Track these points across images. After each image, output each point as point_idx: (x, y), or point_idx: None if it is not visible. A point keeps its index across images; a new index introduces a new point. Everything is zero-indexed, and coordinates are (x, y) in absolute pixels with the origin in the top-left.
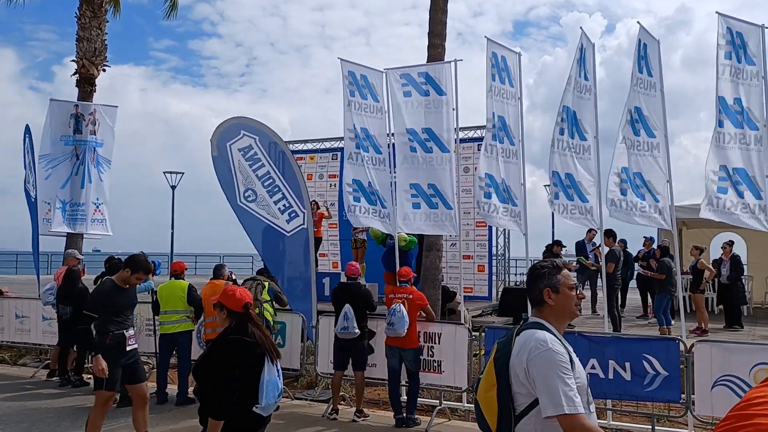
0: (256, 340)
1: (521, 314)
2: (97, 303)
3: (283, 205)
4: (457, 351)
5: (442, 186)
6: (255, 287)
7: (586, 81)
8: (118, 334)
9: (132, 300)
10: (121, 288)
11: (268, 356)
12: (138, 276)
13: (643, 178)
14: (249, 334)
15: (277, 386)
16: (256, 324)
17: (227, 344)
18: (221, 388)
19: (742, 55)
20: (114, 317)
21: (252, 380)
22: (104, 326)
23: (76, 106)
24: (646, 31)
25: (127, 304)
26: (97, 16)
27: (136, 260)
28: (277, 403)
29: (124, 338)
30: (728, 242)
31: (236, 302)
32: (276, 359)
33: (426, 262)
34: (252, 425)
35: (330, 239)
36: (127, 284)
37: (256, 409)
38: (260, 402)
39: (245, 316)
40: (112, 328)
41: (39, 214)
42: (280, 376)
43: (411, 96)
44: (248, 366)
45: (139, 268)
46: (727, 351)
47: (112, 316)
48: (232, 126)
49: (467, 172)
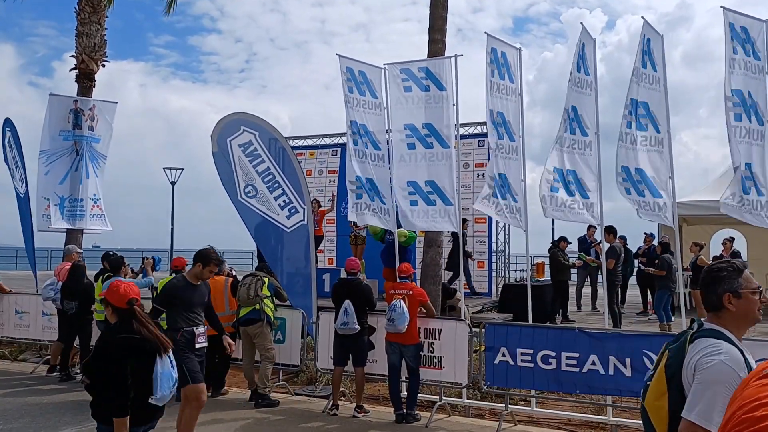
0: (142, 336)
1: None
2: (169, 298)
3: (283, 200)
4: (457, 347)
5: (441, 182)
6: (255, 283)
7: (587, 76)
8: (188, 331)
9: (203, 297)
10: (193, 284)
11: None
12: (210, 269)
13: (645, 175)
14: (134, 330)
15: (171, 377)
16: (141, 320)
17: (112, 344)
18: (116, 387)
19: (750, 50)
20: (185, 314)
21: (145, 374)
22: (175, 323)
23: (75, 101)
24: (650, 26)
25: (198, 301)
26: (97, 12)
27: (205, 254)
28: (172, 392)
29: (194, 335)
30: (729, 238)
31: (120, 298)
32: (165, 352)
33: (426, 259)
34: (149, 415)
35: (327, 235)
36: (200, 280)
37: (152, 401)
38: (155, 394)
39: (130, 313)
40: (182, 324)
41: (38, 210)
42: (173, 367)
43: (411, 91)
44: (138, 362)
45: (210, 261)
46: None
47: (183, 313)
48: (232, 122)
49: (467, 168)
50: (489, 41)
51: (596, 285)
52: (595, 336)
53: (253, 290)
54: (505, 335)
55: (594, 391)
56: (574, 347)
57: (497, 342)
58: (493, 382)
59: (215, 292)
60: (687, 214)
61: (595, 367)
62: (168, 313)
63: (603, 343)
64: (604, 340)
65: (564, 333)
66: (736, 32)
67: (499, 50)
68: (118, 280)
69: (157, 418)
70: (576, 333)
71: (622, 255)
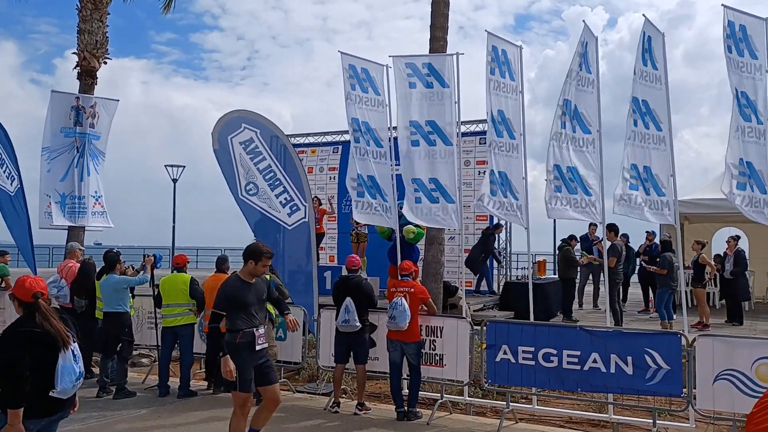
0: (44, 329)
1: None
2: (226, 300)
3: (284, 198)
4: (458, 345)
5: (444, 179)
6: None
7: (589, 74)
8: (248, 332)
9: (260, 295)
10: (247, 282)
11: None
12: (263, 263)
13: (650, 172)
14: (37, 324)
15: (73, 371)
16: (44, 314)
17: (13, 336)
18: (11, 378)
19: (744, 48)
20: (243, 314)
21: (46, 367)
22: (234, 325)
23: (77, 98)
24: (651, 24)
25: (255, 300)
26: (99, 8)
27: (255, 249)
28: (76, 387)
29: (254, 336)
30: (734, 237)
31: (26, 292)
32: (68, 346)
33: (427, 256)
34: (51, 409)
35: (328, 233)
36: (254, 276)
37: (53, 394)
38: (56, 387)
39: (35, 306)
40: (242, 326)
41: (40, 208)
42: (77, 361)
43: (416, 87)
44: (38, 355)
45: (261, 255)
46: (729, 345)
47: (240, 313)
48: (233, 119)
49: (468, 166)
50: (489, 39)
51: (598, 283)
52: (597, 334)
53: None
54: (506, 333)
55: (595, 389)
56: (576, 345)
57: (498, 340)
58: (494, 379)
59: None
60: (688, 212)
61: (596, 365)
62: (227, 315)
63: (604, 341)
64: (605, 338)
65: (565, 331)
66: (734, 31)
67: (500, 48)
68: (25, 275)
69: (62, 411)
70: (577, 331)
71: (623, 253)
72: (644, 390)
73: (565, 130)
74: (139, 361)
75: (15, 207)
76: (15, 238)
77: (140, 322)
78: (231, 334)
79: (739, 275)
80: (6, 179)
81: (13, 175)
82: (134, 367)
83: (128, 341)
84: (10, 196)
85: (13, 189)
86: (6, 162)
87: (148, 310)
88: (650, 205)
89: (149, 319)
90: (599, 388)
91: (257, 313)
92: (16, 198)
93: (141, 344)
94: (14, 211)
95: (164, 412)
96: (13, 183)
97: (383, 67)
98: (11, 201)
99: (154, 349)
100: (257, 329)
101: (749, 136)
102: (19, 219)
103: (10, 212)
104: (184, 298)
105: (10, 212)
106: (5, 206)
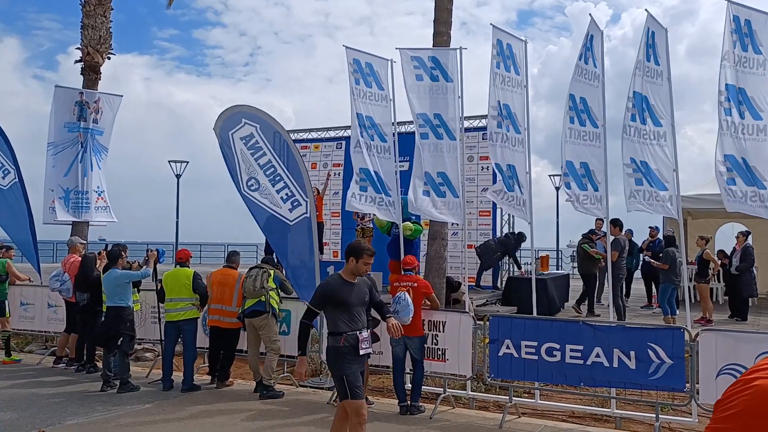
0: None
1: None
2: (325, 300)
3: (285, 194)
4: (461, 339)
5: (449, 173)
6: (261, 275)
7: (595, 68)
8: (351, 335)
9: (363, 296)
10: (349, 282)
11: None
12: (365, 261)
13: (649, 167)
14: None
15: None
16: None
17: None
18: None
19: (748, 43)
20: (345, 316)
21: None
22: (336, 327)
23: (81, 93)
24: (654, 19)
25: (358, 301)
26: (102, 4)
27: (356, 247)
28: None
29: (357, 341)
30: (743, 232)
31: None
32: None
33: (430, 251)
34: None
35: (332, 228)
36: (356, 275)
37: None
38: None
39: None
40: (344, 328)
41: (44, 203)
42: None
43: (423, 80)
44: None
45: (363, 253)
46: (732, 340)
47: (342, 315)
48: (234, 114)
49: (471, 161)
50: (495, 33)
51: (603, 278)
52: (600, 329)
53: (259, 282)
54: (509, 327)
55: (598, 384)
56: (579, 340)
57: (501, 334)
58: (497, 374)
59: (225, 285)
60: (692, 207)
61: (599, 359)
62: (327, 316)
63: (607, 335)
64: (608, 333)
65: (568, 326)
66: (739, 25)
67: (505, 42)
68: None
69: None
70: (580, 326)
71: (626, 248)
72: (647, 385)
73: (574, 125)
74: (142, 356)
75: (9, 201)
76: (9, 233)
77: (144, 317)
78: (333, 337)
79: (745, 271)
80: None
81: (8, 169)
82: (138, 361)
83: (129, 336)
84: (3, 191)
85: (6, 183)
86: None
87: (151, 305)
88: (654, 198)
89: (152, 314)
90: (602, 382)
91: (360, 316)
92: (10, 192)
93: (144, 338)
94: (8, 206)
95: (168, 406)
96: (6, 177)
97: (387, 62)
98: (4, 195)
99: (158, 343)
100: (360, 332)
101: (742, 132)
102: (17, 214)
103: (6, 207)
104: (187, 293)
105: (5, 207)
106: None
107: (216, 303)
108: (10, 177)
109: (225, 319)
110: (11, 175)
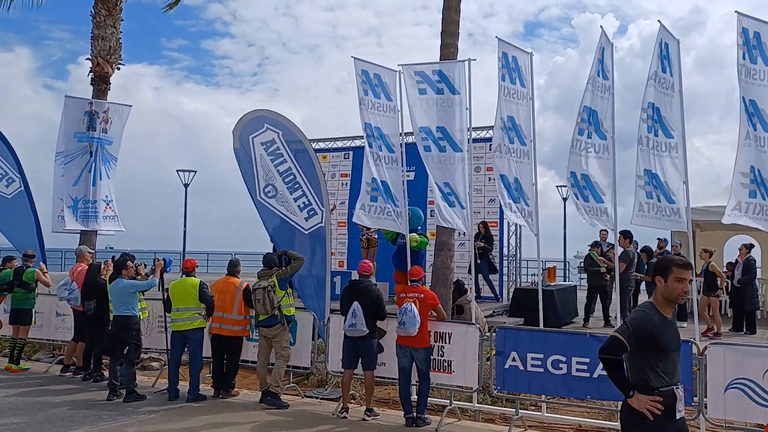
0: None
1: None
2: (638, 334)
3: (302, 202)
4: (467, 351)
5: (455, 184)
6: (266, 295)
7: (605, 80)
8: (667, 392)
9: (678, 336)
10: (666, 318)
11: None
12: (676, 276)
13: (659, 180)
14: None
15: None
16: None
17: None
18: None
19: (757, 56)
20: (659, 363)
21: None
22: (644, 378)
23: (90, 103)
24: (666, 30)
25: (675, 345)
26: (112, 15)
27: (661, 261)
28: None
29: (674, 399)
30: (747, 245)
31: None
32: None
33: (437, 262)
34: None
35: (339, 238)
36: (672, 305)
37: None
38: None
39: None
40: (655, 382)
41: (53, 212)
42: None
43: (426, 93)
44: None
45: (670, 265)
46: (741, 354)
47: (657, 362)
48: (256, 118)
49: (478, 172)
50: (500, 46)
51: (610, 290)
52: None
53: (268, 304)
54: (515, 339)
55: (605, 397)
56: (585, 352)
57: (508, 346)
58: (503, 386)
59: (226, 293)
60: (700, 219)
61: (606, 372)
62: (630, 360)
63: None
64: None
65: (575, 338)
66: (748, 38)
67: (510, 55)
68: None
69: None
70: (587, 338)
71: (635, 260)
72: None
73: (582, 138)
74: (149, 365)
75: (14, 210)
76: (13, 241)
77: (150, 326)
78: (642, 391)
79: (748, 284)
80: (5, 183)
81: (13, 177)
82: (144, 370)
83: (135, 344)
84: (7, 199)
85: (10, 192)
86: (4, 166)
87: (158, 314)
88: (662, 213)
89: (159, 323)
90: (609, 396)
91: (677, 364)
92: (15, 200)
93: (151, 348)
94: (13, 214)
95: (174, 415)
96: (10, 186)
97: (395, 73)
98: (9, 204)
99: (164, 352)
100: (677, 387)
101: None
102: (23, 222)
103: (7, 216)
104: (194, 302)
105: (6, 216)
106: (1, 209)
107: (217, 311)
108: (15, 186)
109: (226, 327)
110: (16, 184)
